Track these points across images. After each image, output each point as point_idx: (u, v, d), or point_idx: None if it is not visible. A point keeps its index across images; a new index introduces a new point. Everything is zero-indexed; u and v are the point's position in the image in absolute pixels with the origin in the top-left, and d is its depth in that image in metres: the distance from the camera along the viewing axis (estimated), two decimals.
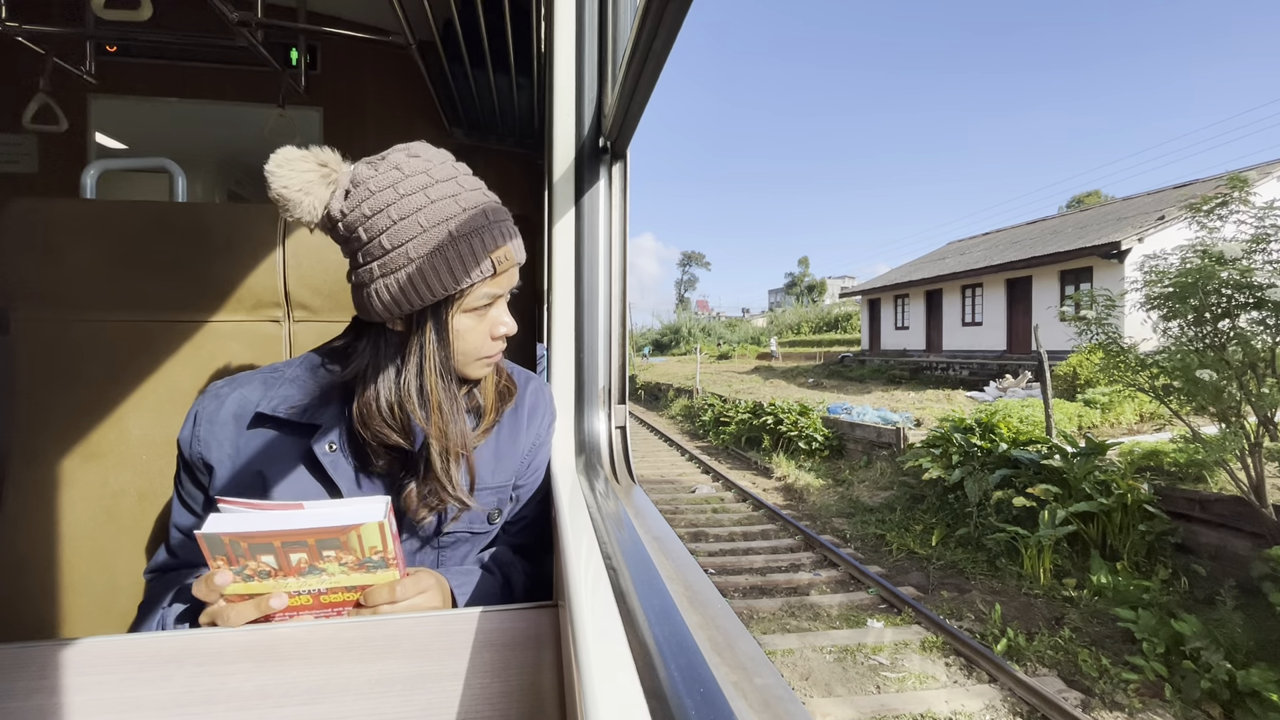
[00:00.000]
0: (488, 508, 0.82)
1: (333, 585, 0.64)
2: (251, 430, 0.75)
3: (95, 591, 0.99)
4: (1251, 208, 5.28)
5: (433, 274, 0.67)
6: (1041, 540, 5.21)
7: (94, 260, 1.02)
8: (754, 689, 0.36)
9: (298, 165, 0.67)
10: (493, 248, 0.70)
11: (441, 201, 0.68)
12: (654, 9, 0.47)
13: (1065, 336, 9.02)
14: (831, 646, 4.20)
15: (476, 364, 0.77)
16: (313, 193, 0.67)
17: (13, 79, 2.11)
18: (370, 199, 0.67)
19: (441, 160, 0.73)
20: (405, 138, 0.76)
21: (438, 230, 0.67)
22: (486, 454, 0.82)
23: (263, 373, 0.79)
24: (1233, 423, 4.89)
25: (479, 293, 0.72)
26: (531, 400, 0.88)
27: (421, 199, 0.67)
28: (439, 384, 0.72)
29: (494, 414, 0.81)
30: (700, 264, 74.50)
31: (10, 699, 0.49)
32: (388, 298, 0.68)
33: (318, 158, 0.68)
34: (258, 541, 0.60)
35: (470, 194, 0.71)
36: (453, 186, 0.70)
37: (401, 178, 0.68)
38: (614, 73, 0.84)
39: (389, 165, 0.69)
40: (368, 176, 0.69)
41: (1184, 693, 3.56)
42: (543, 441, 0.89)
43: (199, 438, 0.75)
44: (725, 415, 12.57)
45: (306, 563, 0.63)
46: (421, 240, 0.67)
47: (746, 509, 7.58)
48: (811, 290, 62.01)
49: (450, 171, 0.72)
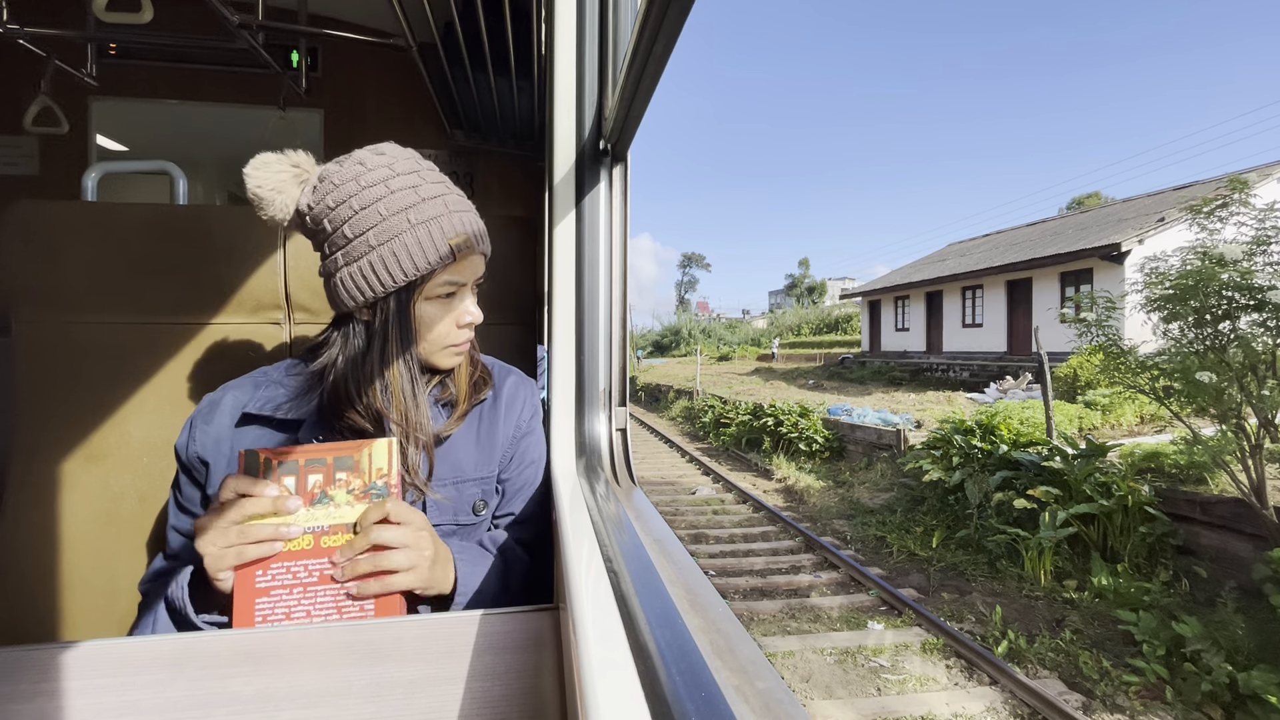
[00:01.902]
0: (472, 499, 0.83)
1: (335, 522, 0.68)
2: (242, 429, 0.78)
3: (95, 594, 0.99)
4: (1252, 209, 5.29)
5: (393, 259, 0.70)
6: (1042, 542, 5.20)
7: (95, 262, 1.02)
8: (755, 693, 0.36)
9: (272, 166, 0.71)
10: (451, 234, 0.72)
11: (401, 191, 0.71)
12: (654, 12, 0.47)
13: (1066, 338, 9.01)
14: (832, 648, 4.19)
15: (444, 353, 0.79)
16: (285, 191, 0.71)
17: (14, 81, 2.12)
18: (334, 191, 0.70)
19: (406, 156, 0.75)
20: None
21: (397, 218, 0.70)
22: (468, 446, 0.84)
23: (254, 375, 0.83)
24: (1233, 424, 4.88)
25: (440, 280, 0.74)
26: (510, 393, 0.89)
27: (382, 189, 0.70)
28: (402, 371, 0.74)
29: (466, 403, 0.83)
30: (700, 265, 74.56)
31: (10, 702, 0.49)
32: (352, 285, 0.71)
33: (291, 159, 0.72)
34: (286, 459, 0.67)
35: (431, 186, 0.74)
36: (414, 179, 0.73)
37: (364, 171, 0.71)
38: (614, 75, 0.84)
39: (353, 161, 0.73)
40: (333, 172, 0.72)
41: (1185, 695, 3.55)
42: (525, 432, 0.89)
43: (194, 439, 0.77)
44: (725, 417, 12.56)
45: (321, 487, 0.68)
46: (382, 228, 0.69)
47: (747, 511, 7.57)
48: (812, 292, 62.01)
49: (413, 166, 0.75)
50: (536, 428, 0.92)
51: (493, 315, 1.21)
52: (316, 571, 0.67)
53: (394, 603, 0.68)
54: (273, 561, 0.66)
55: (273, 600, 0.66)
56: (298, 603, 0.66)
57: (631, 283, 0.95)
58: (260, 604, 0.66)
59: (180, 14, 1.97)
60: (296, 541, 0.67)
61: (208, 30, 1.87)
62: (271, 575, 0.66)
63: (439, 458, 0.80)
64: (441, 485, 0.80)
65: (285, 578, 0.66)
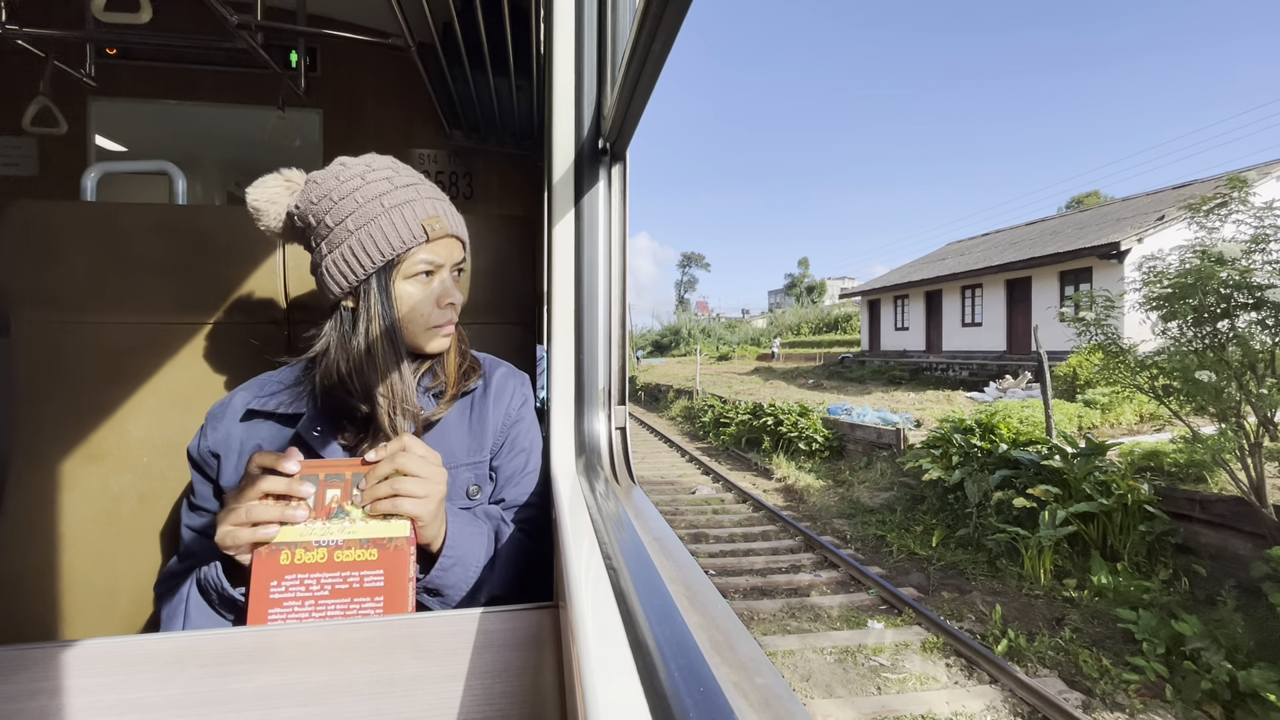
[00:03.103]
0: (466, 483, 0.88)
1: (349, 538, 0.70)
2: (249, 424, 0.83)
3: (96, 593, 0.99)
4: (1250, 208, 5.29)
5: (370, 241, 0.75)
6: (1042, 541, 5.21)
7: (94, 263, 1.02)
8: (754, 688, 0.36)
9: (269, 182, 0.79)
10: (423, 215, 0.78)
11: (376, 182, 0.78)
12: (653, 11, 0.48)
13: (1065, 337, 9.01)
14: (832, 647, 4.19)
15: (427, 334, 0.83)
16: (278, 201, 0.79)
17: (12, 82, 2.12)
18: (316, 189, 0.77)
19: (385, 158, 0.82)
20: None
21: (372, 204, 0.76)
22: (460, 433, 0.88)
23: (262, 376, 0.88)
24: (1232, 423, 4.89)
25: (416, 259, 0.79)
26: (499, 383, 0.94)
27: (358, 181, 0.77)
28: (386, 346, 0.78)
29: (455, 388, 0.88)
30: (700, 265, 74.58)
31: (11, 701, 0.49)
32: (335, 271, 0.76)
33: (285, 175, 0.80)
34: (308, 471, 0.70)
35: (405, 177, 0.80)
36: (388, 173, 0.79)
37: (343, 169, 0.79)
38: (613, 75, 0.84)
39: (336, 164, 0.80)
40: (316, 174, 0.79)
41: (1185, 693, 3.56)
42: (516, 420, 0.93)
43: (206, 435, 0.83)
44: (725, 416, 12.56)
45: (338, 501, 0.70)
46: (359, 214, 0.76)
47: (747, 510, 7.57)
48: (811, 291, 62.02)
49: (389, 163, 0.81)
50: (527, 415, 0.95)
51: (492, 315, 1.21)
52: (329, 585, 0.68)
53: (400, 601, 0.69)
54: (287, 573, 0.68)
55: (284, 611, 0.67)
56: (309, 614, 0.67)
57: (630, 282, 0.95)
58: (273, 614, 0.67)
59: (179, 14, 1.97)
60: (311, 554, 0.68)
61: (206, 30, 1.87)
62: (285, 587, 0.67)
63: (433, 443, 0.83)
64: None
65: (299, 589, 0.68)
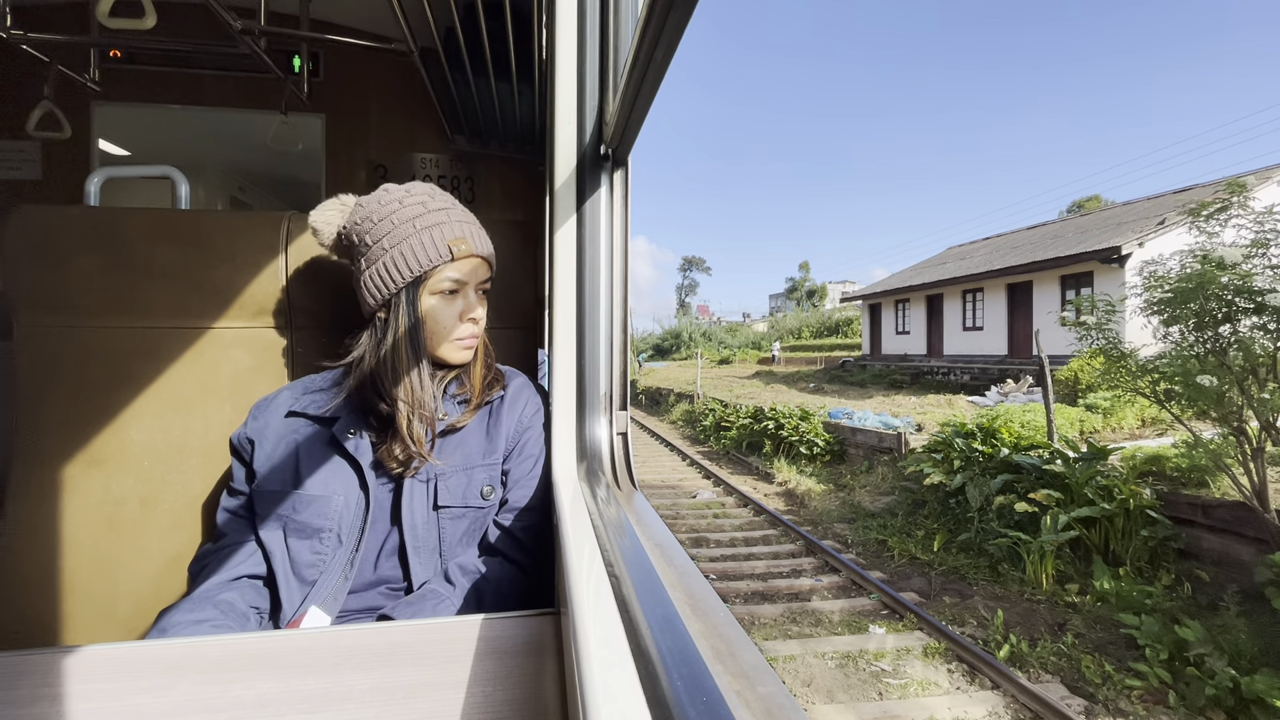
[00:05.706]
0: (480, 484, 0.93)
1: None
2: (288, 422, 0.90)
3: (97, 599, 0.99)
4: (1251, 212, 5.29)
5: (400, 259, 0.84)
6: (1044, 545, 5.19)
7: (97, 267, 1.03)
8: (757, 698, 0.36)
9: (328, 205, 0.92)
10: (450, 237, 0.87)
11: (412, 205, 0.87)
12: (655, 18, 0.48)
13: (1066, 341, 8.99)
14: (833, 652, 4.18)
15: (450, 345, 0.90)
16: (333, 222, 0.91)
17: (17, 86, 2.12)
18: (361, 211, 0.88)
19: (425, 185, 0.92)
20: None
21: (405, 226, 0.86)
22: (479, 437, 0.94)
23: (306, 378, 0.97)
24: (1234, 427, 4.87)
25: (442, 276, 0.87)
26: (515, 391, 1.00)
27: (396, 205, 0.87)
28: (408, 354, 0.86)
29: (479, 397, 0.94)
30: (701, 269, 74.63)
31: (13, 707, 0.49)
32: (371, 285, 0.85)
33: (341, 200, 0.92)
34: None
35: (438, 200, 0.90)
36: (424, 198, 0.89)
37: (385, 195, 0.88)
38: (615, 81, 0.84)
39: (380, 190, 0.89)
40: (364, 199, 0.90)
41: (1188, 699, 3.54)
42: (527, 426, 0.98)
43: (247, 425, 0.90)
44: (726, 420, 12.55)
45: None
46: (394, 234, 0.85)
47: (748, 514, 7.56)
48: (812, 295, 62.00)
49: (427, 189, 0.91)
50: (537, 423, 1.00)
51: (494, 319, 1.21)
52: None
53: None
54: None
55: None
56: None
57: (630, 287, 0.95)
58: None
59: (183, 19, 1.98)
60: None
61: (210, 35, 1.88)
62: None
63: (454, 446, 0.91)
64: (454, 471, 0.90)
65: None
